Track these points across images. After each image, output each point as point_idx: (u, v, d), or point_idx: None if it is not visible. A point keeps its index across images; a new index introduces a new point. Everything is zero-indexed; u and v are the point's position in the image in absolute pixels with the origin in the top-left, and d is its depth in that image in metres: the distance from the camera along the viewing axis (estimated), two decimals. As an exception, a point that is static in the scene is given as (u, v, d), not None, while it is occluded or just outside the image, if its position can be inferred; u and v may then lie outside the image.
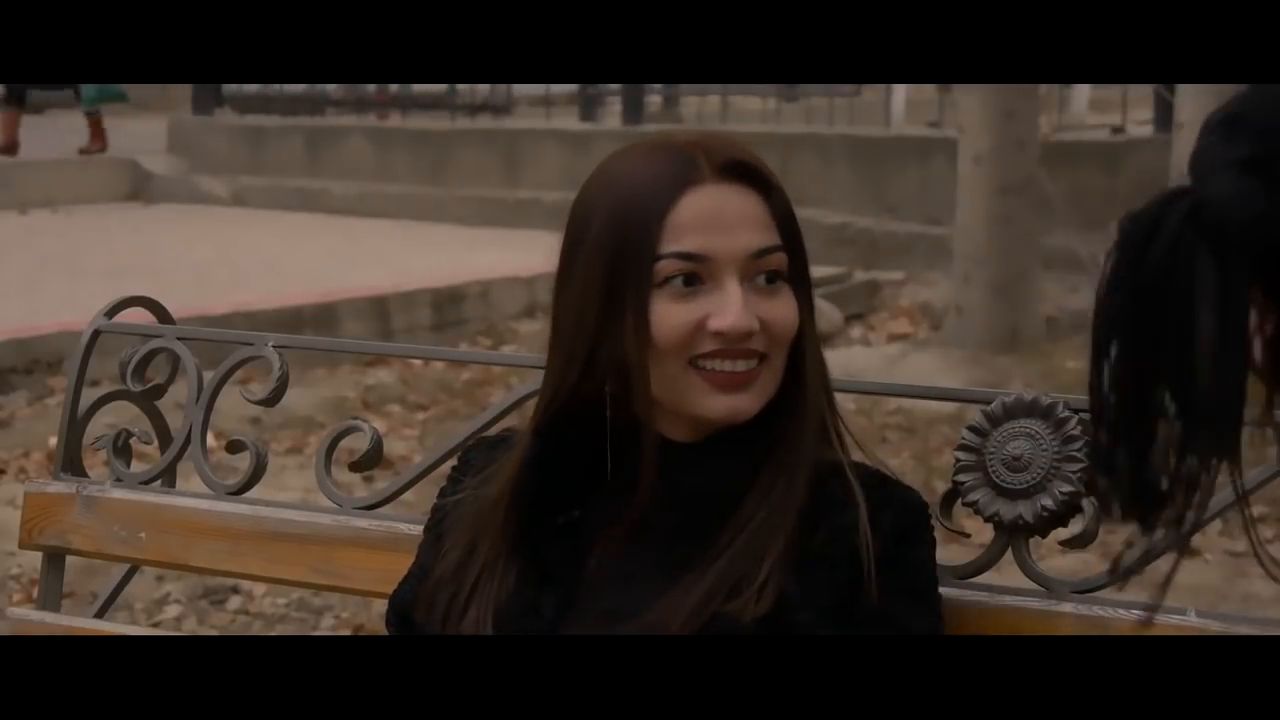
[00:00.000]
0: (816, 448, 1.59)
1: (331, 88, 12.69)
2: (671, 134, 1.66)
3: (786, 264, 1.58)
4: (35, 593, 2.55)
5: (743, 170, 1.57)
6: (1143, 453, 1.03)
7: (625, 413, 1.59)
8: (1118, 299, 1.01)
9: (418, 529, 1.97)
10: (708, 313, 1.54)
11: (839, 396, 1.68)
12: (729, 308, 1.54)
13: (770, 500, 1.56)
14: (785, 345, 1.58)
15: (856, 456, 1.64)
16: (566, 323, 1.59)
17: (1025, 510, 1.72)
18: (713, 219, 1.55)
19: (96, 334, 2.26)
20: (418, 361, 7.01)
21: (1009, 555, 1.75)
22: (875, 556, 1.53)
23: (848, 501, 1.56)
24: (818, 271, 1.74)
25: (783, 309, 1.57)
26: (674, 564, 1.56)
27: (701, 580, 1.54)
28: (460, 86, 11.97)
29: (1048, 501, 1.71)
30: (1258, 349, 1.02)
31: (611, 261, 1.55)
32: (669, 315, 1.54)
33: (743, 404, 1.57)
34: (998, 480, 1.73)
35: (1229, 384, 1.00)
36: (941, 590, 1.65)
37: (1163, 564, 1.08)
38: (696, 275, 1.54)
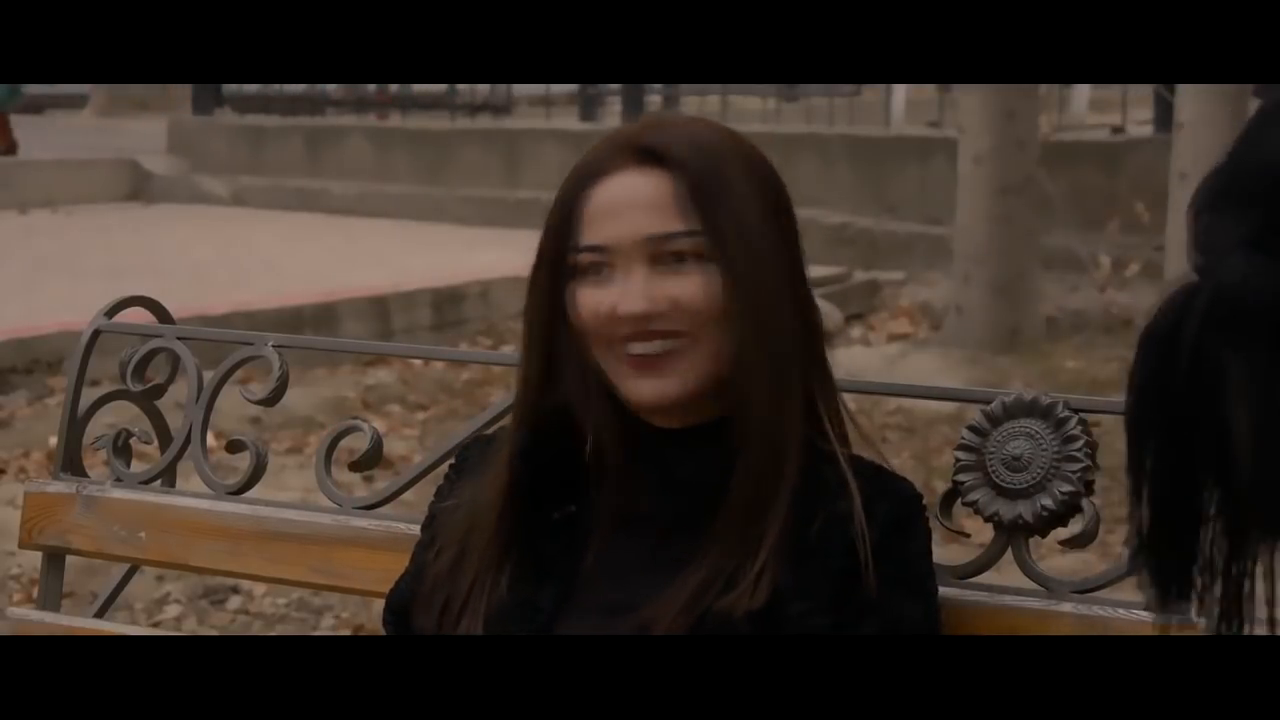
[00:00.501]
0: (795, 428, 1.58)
1: (331, 88, 12.69)
2: (624, 126, 1.71)
3: (699, 245, 1.58)
4: (35, 593, 2.55)
5: (650, 154, 1.60)
6: (1189, 547, 1.03)
7: (586, 404, 1.61)
8: (1149, 404, 1.00)
9: (418, 529, 1.97)
10: (615, 299, 1.58)
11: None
12: (624, 293, 1.58)
13: (760, 487, 1.56)
14: (707, 323, 1.58)
15: (859, 447, 1.64)
16: (526, 319, 1.66)
17: (1025, 510, 1.72)
18: (610, 208, 1.59)
19: (96, 334, 2.26)
20: (418, 361, 7.01)
21: (1009, 555, 1.75)
22: (870, 547, 1.54)
23: (842, 491, 1.56)
24: (818, 271, 1.73)
25: (691, 287, 1.57)
26: (669, 555, 1.57)
27: (696, 573, 1.54)
28: (460, 86, 11.97)
29: (1047, 501, 1.71)
30: None
31: (545, 257, 1.63)
32: (584, 303, 1.60)
33: (668, 387, 1.58)
34: (998, 480, 1.73)
35: (1272, 472, 0.97)
36: (941, 590, 1.65)
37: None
38: (605, 264, 1.59)
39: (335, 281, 8.19)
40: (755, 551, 1.54)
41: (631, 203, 1.59)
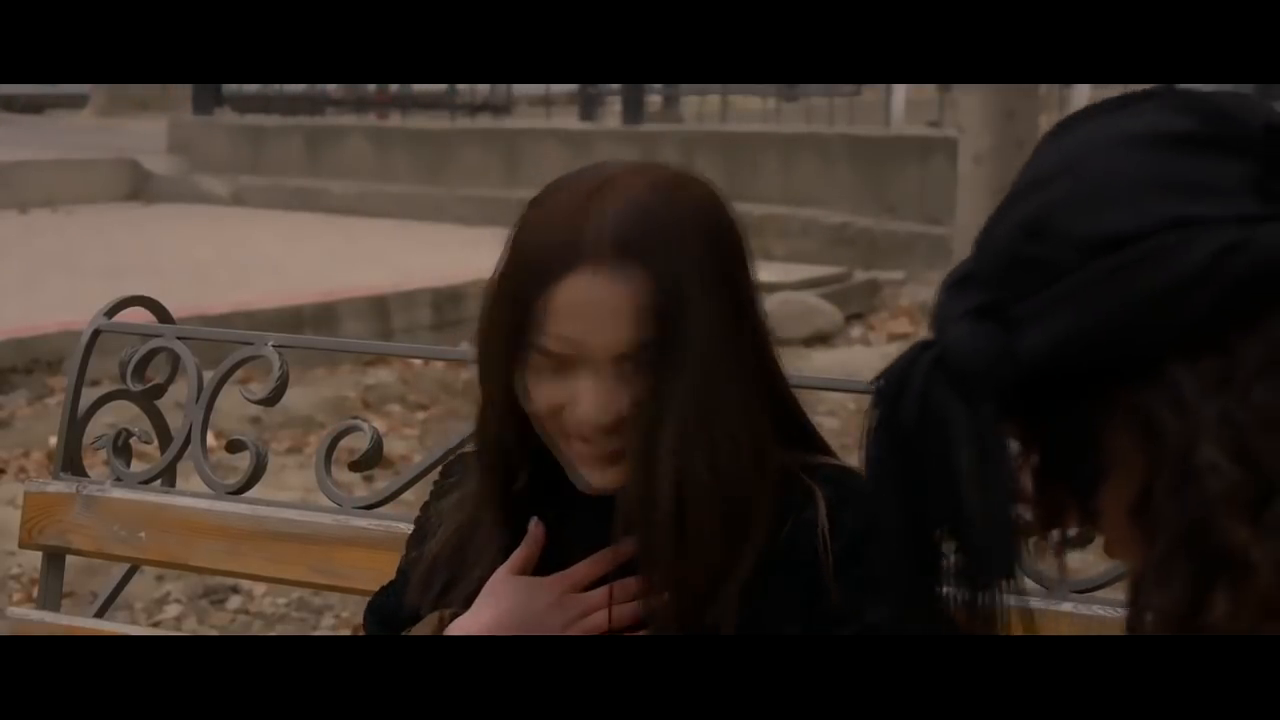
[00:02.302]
0: (776, 449, 1.57)
1: (331, 87, 12.68)
2: (590, 182, 1.53)
3: (665, 348, 1.49)
4: (35, 593, 2.55)
5: (630, 248, 1.48)
6: (934, 585, 1.14)
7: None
8: (881, 452, 1.09)
9: (417, 529, 1.97)
10: (574, 396, 1.50)
11: (839, 397, 1.68)
12: (590, 402, 1.50)
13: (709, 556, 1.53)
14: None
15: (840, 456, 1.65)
16: (480, 377, 1.58)
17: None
18: (580, 311, 1.48)
19: (96, 333, 2.26)
20: (418, 361, 7.00)
21: (1009, 555, 1.75)
22: (836, 556, 1.53)
23: (807, 501, 1.56)
24: (818, 271, 1.72)
25: (649, 395, 1.49)
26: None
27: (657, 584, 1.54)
28: (460, 86, 11.97)
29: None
30: (1027, 480, 1.08)
31: (500, 323, 1.53)
32: (539, 393, 1.52)
33: (618, 477, 1.53)
34: (998, 480, 1.73)
35: (997, 519, 1.07)
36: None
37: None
38: (568, 360, 1.50)
39: (335, 281, 8.19)
40: (719, 583, 1.52)
41: (603, 308, 1.48)
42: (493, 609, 1.59)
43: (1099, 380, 1.02)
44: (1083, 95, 11.44)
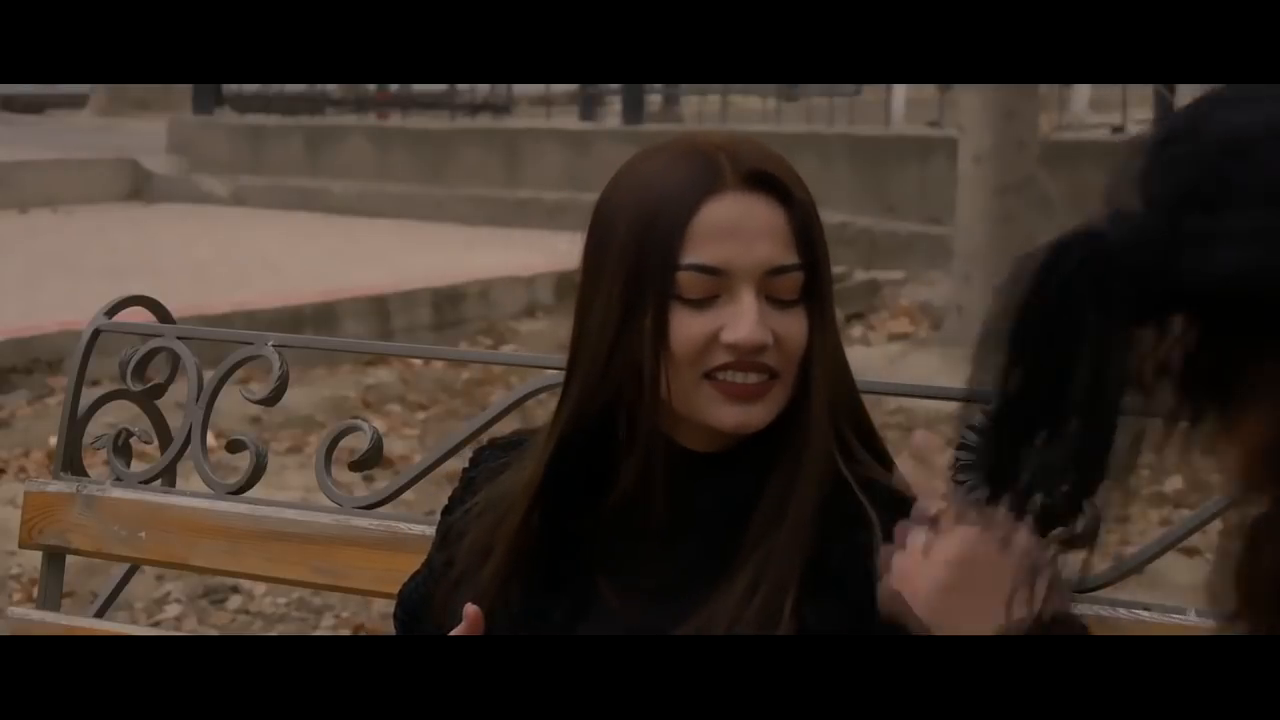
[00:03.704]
0: (829, 465, 1.57)
1: (331, 87, 12.68)
2: (696, 136, 1.61)
3: (799, 283, 1.55)
4: (35, 592, 2.55)
5: (767, 180, 1.54)
6: (1012, 465, 1.10)
7: (640, 421, 1.57)
8: (1009, 323, 1.07)
9: (418, 529, 1.97)
10: (722, 324, 1.52)
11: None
12: (743, 321, 1.52)
13: (784, 522, 1.54)
14: (795, 362, 1.56)
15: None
16: (591, 326, 1.56)
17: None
18: (732, 230, 1.52)
19: (96, 333, 2.26)
20: (418, 361, 7.00)
21: (1009, 555, 1.75)
22: None
23: (863, 522, 1.54)
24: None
25: (796, 327, 1.55)
26: (688, 585, 1.55)
27: (722, 603, 1.52)
28: (460, 86, 11.97)
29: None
30: (1167, 378, 1.04)
31: (633, 269, 1.53)
32: (685, 326, 1.52)
33: (754, 415, 1.55)
34: (998, 480, 1.72)
35: (1104, 416, 1.04)
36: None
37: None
38: (713, 289, 1.52)
39: (335, 281, 8.18)
40: (782, 596, 1.51)
41: (759, 228, 1.53)
42: None
43: (1264, 316, 0.99)
44: (1083, 95, 11.44)
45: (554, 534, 1.61)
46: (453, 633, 1.57)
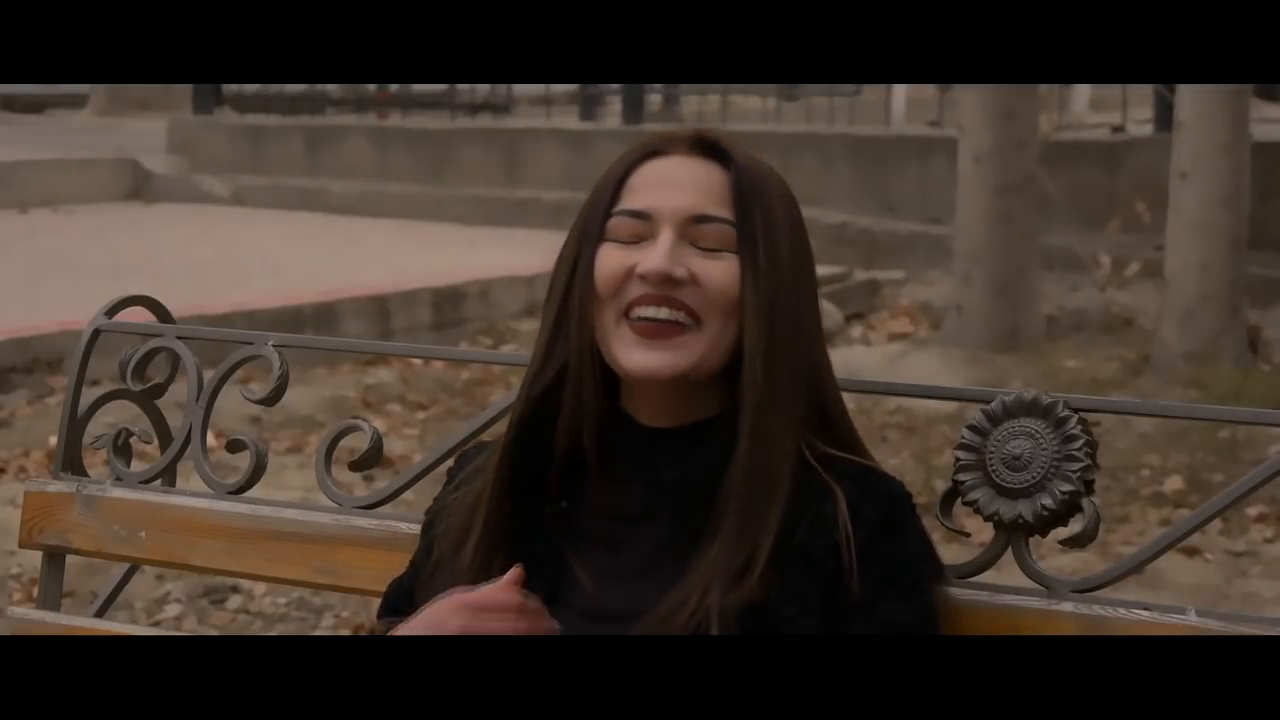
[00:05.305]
0: (793, 437, 1.58)
1: (331, 87, 12.68)
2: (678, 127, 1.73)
3: (729, 238, 1.60)
4: (35, 592, 2.55)
5: (710, 146, 1.64)
6: None
7: (602, 397, 1.61)
8: None
9: (418, 528, 1.97)
10: (644, 255, 1.60)
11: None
12: (654, 252, 1.59)
13: (757, 483, 1.56)
14: (721, 311, 1.59)
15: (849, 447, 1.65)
16: (553, 285, 1.66)
17: (1025, 509, 1.72)
18: (662, 181, 1.62)
19: (97, 333, 2.26)
20: (418, 361, 7.01)
21: (1009, 554, 1.75)
22: (856, 550, 1.54)
23: (829, 495, 1.56)
24: (818, 271, 1.73)
25: (718, 272, 1.60)
26: (657, 558, 1.58)
27: (693, 578, 1.54)
28: (460, 86, 11.97)
29: (1048, 501, 1.71)
30: None
31: (581, 226, 1.65)
32: (605, 262, 1.61)
33: (662, 361, 1.59)
34: (998, 479, 1.73)
35: None
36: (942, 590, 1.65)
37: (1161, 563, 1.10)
38: (640, 232, 1.61)
39: (335, 281, 8.18)
40: (753, 551, 1.54)
41: (680, 180, 1.62)
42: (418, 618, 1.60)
43: None
44: (1083, 95, 11.44)
45: (528, 517, 1.62)
46: (490, 588, 1.58)
